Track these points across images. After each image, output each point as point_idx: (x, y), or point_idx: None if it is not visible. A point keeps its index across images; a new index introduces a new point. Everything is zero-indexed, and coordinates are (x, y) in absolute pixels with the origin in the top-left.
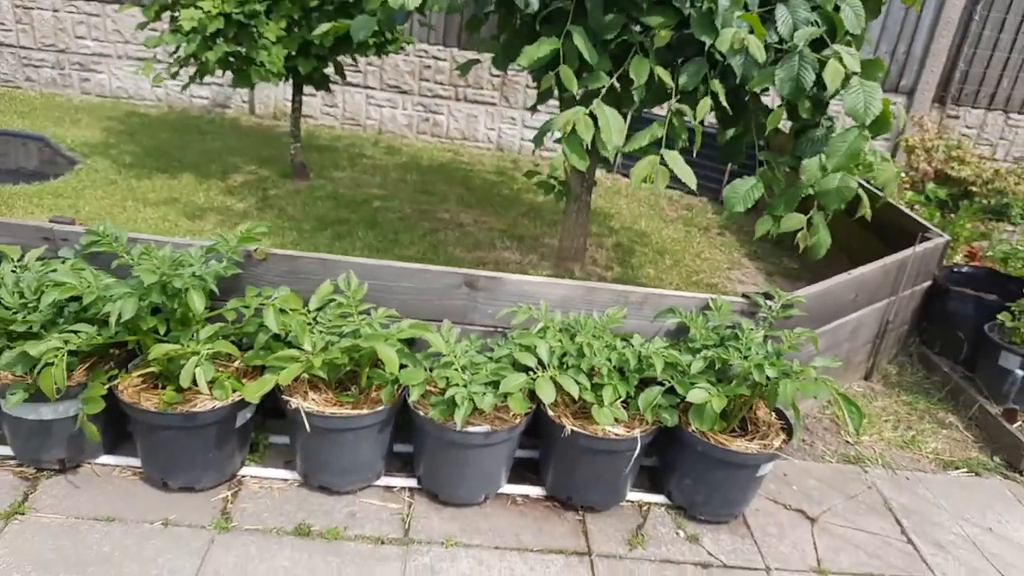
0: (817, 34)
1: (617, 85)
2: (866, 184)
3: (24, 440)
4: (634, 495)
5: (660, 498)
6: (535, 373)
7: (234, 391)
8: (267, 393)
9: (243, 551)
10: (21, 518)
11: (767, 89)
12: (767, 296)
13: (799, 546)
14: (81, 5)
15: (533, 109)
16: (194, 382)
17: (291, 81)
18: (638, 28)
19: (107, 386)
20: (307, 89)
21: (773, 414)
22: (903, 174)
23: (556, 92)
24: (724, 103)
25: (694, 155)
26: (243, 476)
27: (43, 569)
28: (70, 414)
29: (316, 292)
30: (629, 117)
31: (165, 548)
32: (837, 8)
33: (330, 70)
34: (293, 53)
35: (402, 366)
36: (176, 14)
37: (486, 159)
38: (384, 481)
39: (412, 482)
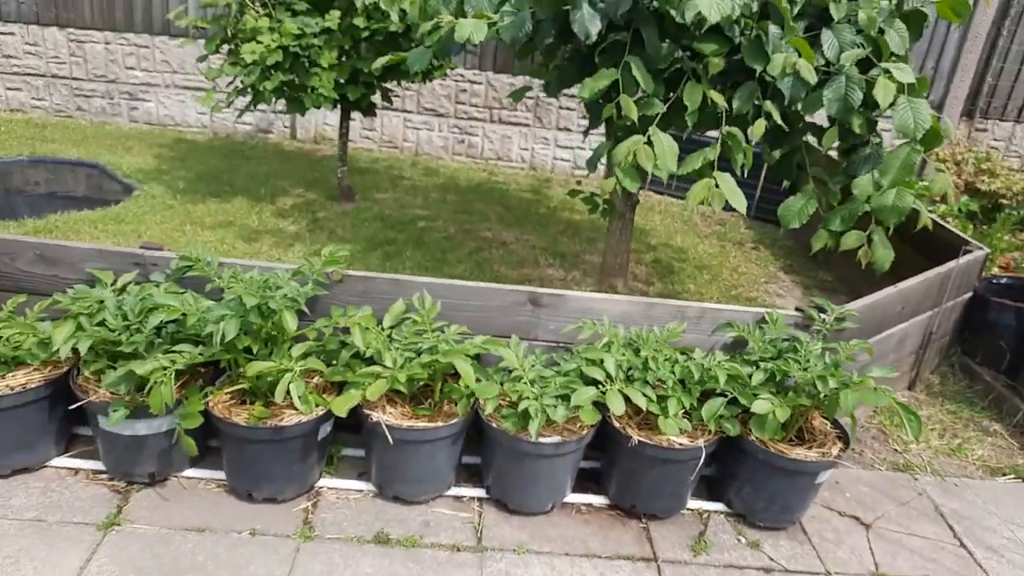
0: (863, 55)
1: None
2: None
3: (118, 455)
4: (694, 503)
5: (719, 506)
6: (603, 386)
7: (317, 406)
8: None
9: (328, 558)
10: (118, 528)
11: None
12: (820, 309)
13: (856, 551)
14: (131, 37)
15: (586, 134)
16: (286, 397)
17: (338, 107)
18: (688, 55)
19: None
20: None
21: (828, 423)
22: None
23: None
24: (780, 123)
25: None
26: (321, 488)
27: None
28: (162, 430)
29: (389, 311)
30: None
31: (255, 556)
32: (882, 31)
33: (376, 96)
34: (343, 80)
35: (476, 380)
36: (234, 47)
37: (520, 179)
38: (454, 491)
39: (480, 492)
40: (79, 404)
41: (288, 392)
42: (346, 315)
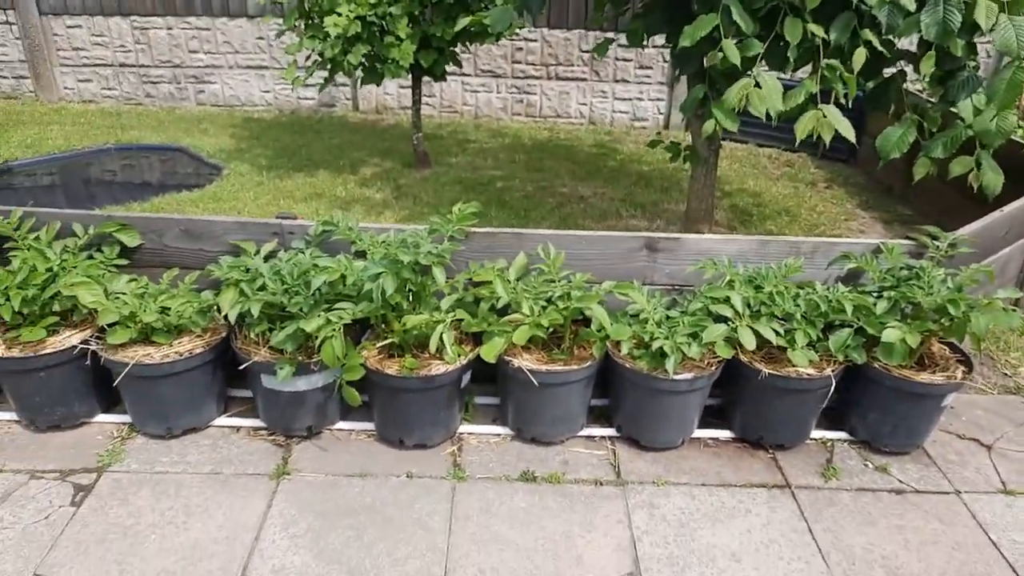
0: None
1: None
2: None
3: (279, 411)
4: (816, 433)
5: (841, 434)
6: (732, 323)
7: (460, 356)
8: (473, 358)
9: (482, 495)
10: (288, 478)
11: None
12: (932, 236)
13: (981, 471)
14: (193, 21)
15: (675, 82)
16: (438, 347)
17: (409, 76)
18: None
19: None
20: (402, 82)
21: (946, 348)
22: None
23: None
24: (881, 49)
25: (848, 107)
26: (462, 433)
27: (323, 517)
28: (319, 385)
29: (514, 264)
30: None
31: (417, 495)
32: None
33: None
34: (415, 47)
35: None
36: (311, 20)
37: (582, 134)
38: (585, 432)
39: (610, 431)
40: (244, 365)
41: (441, 342)
42: (484, 268)
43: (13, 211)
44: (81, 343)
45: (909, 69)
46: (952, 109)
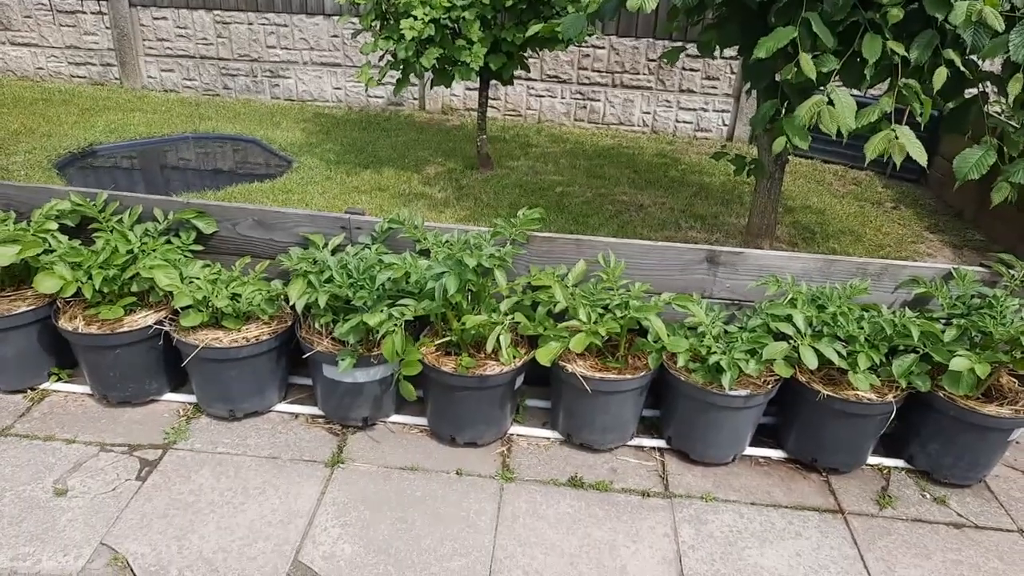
0: None
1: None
2: None
3: (337, 401)
4: (873, 459)
5: (899, 462)
6: (793, 341)
7: (515, 357)
8: (528, 360)
9: (530, 497)
10: (343, 466)
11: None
12: (1008, 265)
13: None
14: (272, 17)
15: (748, 94)
16: (495, 347)
17: (478, 78)
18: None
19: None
20: (468, 84)
21: (1016, 381)
22: None
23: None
24: (963, 69)
25: (922, 128)
26: (512, 434)
27: (374, 507)
28: (377, 378)
29: (573, 270)
30: None
31: (466, 493)
32: None
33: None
34: (485, 51)
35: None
36: (386, 21)
37: (644, 142)
38: (635, 441)
39: (660, 443)
40: (308, 354)
41: (498, 343)
42: (543, 272)
43: (99, 194)
44: (156, 324)
45: (991, 91)
46: None
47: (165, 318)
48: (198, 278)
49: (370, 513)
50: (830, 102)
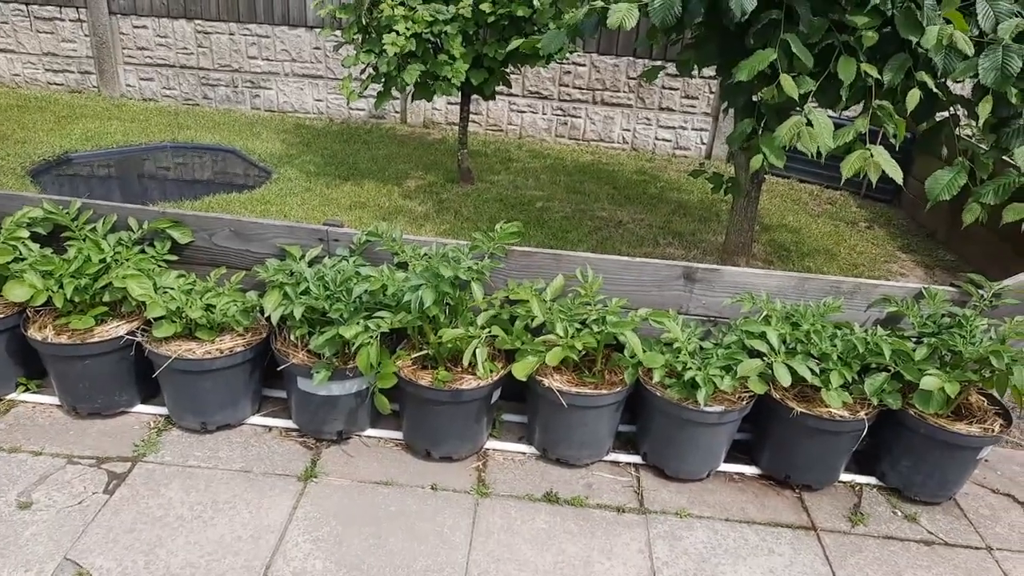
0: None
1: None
2: None
3: (312, 414)
4: (845, 476)
5: (870, 479)
6: (767, 358)
7: (492, 372)
8: (504, 375)
9: (505, 512)
10: (316, 480)
11: (961, 81)
12: (976, 285)
13: (1015, 528)
14: (254, 28)
15: (726, 113)
16: (471, 361)
17: (460, 92)
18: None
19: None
20: (450, 98)
21: (984, 400)
22: None
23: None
24: (936, 92)
25: (896, 149)
26: (488, 449)
27: (347, 523)
28: (352, 391)
29: (551, 285)
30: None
31: (440, 508)
32: None
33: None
34: (467, 66)
35: (643, 350)
36: (368, 35)
37: (623, 159)
38: (611, 457)
39: (635, 458)
40: (283, 367)
41: (474, 357)
42: (521, 286)
43: (72, 202)
44: (128, 334)
45: (962, 113)
46: (1005, 157)
47: (137, 328)
48: (172, 288)
49: (343, 528)
50: (809, 123)
